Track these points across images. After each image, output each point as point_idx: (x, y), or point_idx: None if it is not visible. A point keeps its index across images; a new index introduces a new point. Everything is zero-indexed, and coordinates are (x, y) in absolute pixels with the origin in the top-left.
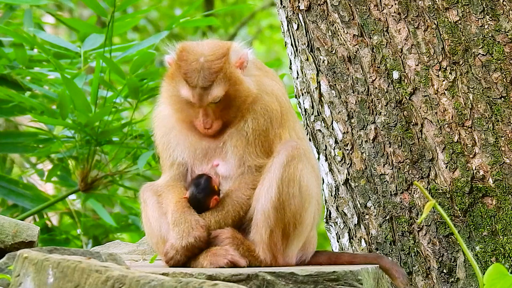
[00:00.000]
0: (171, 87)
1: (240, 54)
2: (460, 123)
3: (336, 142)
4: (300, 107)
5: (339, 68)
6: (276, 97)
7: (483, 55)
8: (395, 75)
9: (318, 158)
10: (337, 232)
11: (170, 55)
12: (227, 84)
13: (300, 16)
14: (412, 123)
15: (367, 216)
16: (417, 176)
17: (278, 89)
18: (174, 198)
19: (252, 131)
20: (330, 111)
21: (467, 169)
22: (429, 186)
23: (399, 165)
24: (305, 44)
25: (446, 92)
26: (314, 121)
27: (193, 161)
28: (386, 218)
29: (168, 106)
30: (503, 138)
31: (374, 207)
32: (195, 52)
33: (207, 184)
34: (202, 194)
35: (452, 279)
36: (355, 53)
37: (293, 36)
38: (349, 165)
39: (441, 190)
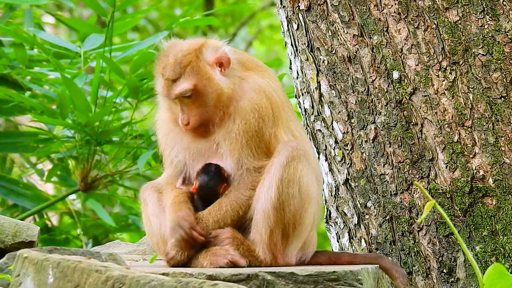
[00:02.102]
0: (155, 80)
1: (217, 52)
2: (460, 123)
3: (336, 142)
4: (300, 107)
5: (339, 68)
6: (265, 94)
7: (483, 55)
8: (395, 75)
9: (318, 158)
10: (337, 232)
11: None
12: (194, 79)
13: (300, 16)
14: (412, 123)
15: (367, 216)
16: (417, 176)
17: (268, 86)
18: (173, 195)
19: (243, 132)
20: (330, 111)
21: (467, 169)
22: (429, 186)
23: (399, 165)
24: (305, 44)
25: (446, 92)
26: (314, 121)
27: (191, 163)
28: (386, 218)
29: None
30: (503, 138)
31: (374, 207)
32: (177, 48)
33: (218, 172)
34: (213, 182)
35: (452, 279)
36: (355, 53)
37: (293, 36)
38: (349, 165)
39: (441, 190)
